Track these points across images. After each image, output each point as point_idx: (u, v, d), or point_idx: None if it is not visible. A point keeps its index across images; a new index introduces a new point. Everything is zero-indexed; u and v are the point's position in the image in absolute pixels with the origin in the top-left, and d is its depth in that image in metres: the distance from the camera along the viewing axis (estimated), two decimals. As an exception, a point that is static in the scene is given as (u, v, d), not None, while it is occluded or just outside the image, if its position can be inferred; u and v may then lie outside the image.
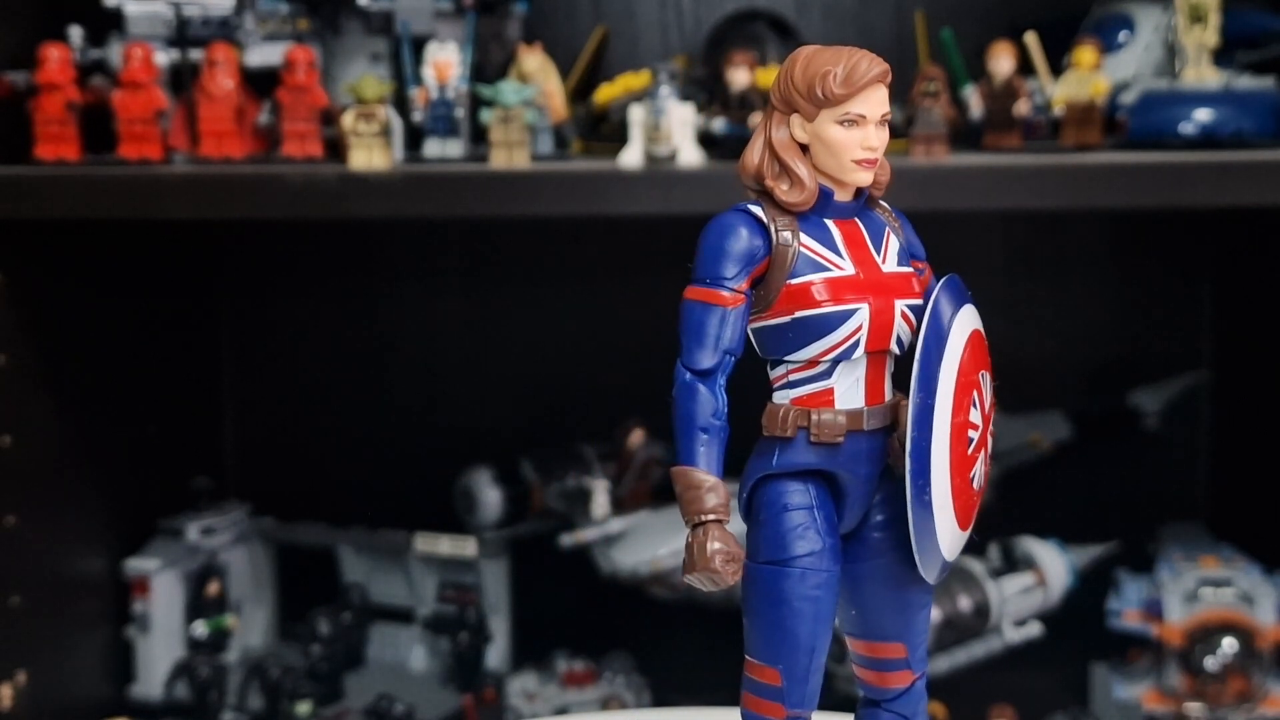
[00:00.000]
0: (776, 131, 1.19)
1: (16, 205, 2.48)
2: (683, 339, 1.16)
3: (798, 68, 1.18)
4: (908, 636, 1.25)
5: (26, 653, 2.66)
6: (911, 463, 1.16)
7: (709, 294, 1.16)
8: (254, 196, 2.45)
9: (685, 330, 1.16)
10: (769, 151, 1.18)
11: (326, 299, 3.41)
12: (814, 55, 1.18)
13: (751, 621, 1.18)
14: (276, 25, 2.62)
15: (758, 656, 1.18)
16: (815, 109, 1.17)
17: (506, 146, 2.42)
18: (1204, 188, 2.35)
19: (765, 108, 1.21)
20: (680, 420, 1.15)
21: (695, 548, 1.12)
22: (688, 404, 1.14)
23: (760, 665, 1.18)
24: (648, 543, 2.81)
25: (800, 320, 1.18)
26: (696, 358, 1.15)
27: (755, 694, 1.20)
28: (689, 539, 1.13)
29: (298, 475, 3.37)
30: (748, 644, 1.20)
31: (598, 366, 3.33)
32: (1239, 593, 2.73)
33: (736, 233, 1.16)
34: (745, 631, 1.20)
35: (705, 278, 1.16)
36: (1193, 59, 2.49)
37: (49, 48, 2.49)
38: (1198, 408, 3.30)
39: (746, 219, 1.18)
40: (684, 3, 3.28)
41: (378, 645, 3.13)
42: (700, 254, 1.17)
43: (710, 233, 1.17)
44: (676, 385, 1.15)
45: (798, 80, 1.17)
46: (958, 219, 2.55)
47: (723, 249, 1.16)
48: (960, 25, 2.65)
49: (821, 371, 1.19)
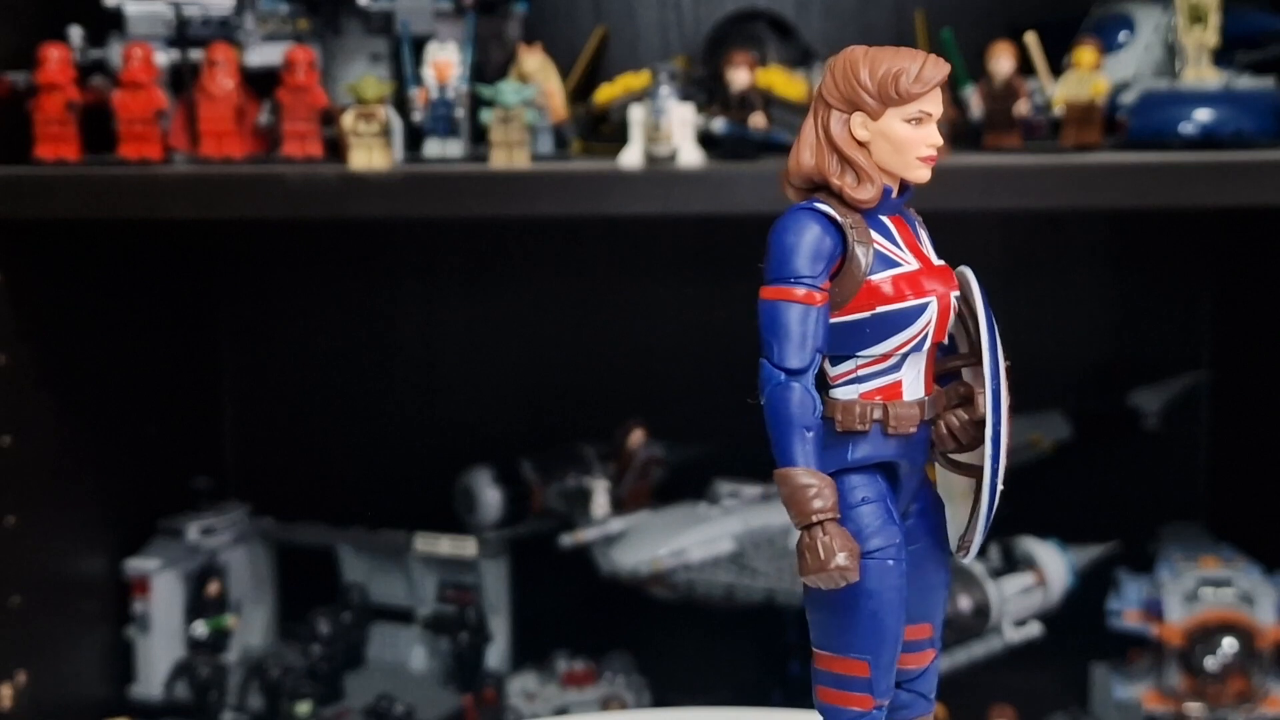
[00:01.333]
0: (836, 129, 1.19)
1: (17, 205, 2.48)
2: (770, 340, 1.15)
3: (862, 67, 1.19)
4: (935, 616, 1.27)
5: (27, 652, 2.67)
6: (992, 447, 1.19)
7: (794, 293, 1.16)
8: (254, 196, 2.45)
9: (773, 331, 1.15)
10: (832, 149, 1.19)
11: (326, 299, 3.41)
12: (877, 55, 1.19)
13: (834, 617, 1.19)
14: (276, 25, 2.62)
15: (842, 650, 1.19)
16: (883, 107, 1.18)
17: (506, 146, 2.42)
18: (1204, 188, 2.36)
19: (815, 108, 1.21)
20: (780, 421, 1.15)
21: (814, 548, 1.13)
22: (786, 405, 1.15)
23: (844, 659, 1.19)
24: (648, 543, 2.81)
25: (881, 315, 1.19)
26: (789, 357, 1.15)
27: (840, 688, 1.20)
28: (803, 541, 1.13)
29: (298, 475, 3.37)
30: (825, 639, 1.20)
31: (598, 366, 3.33)
32: (1239, 593, 2.73)
33: (813, 231, 1.17)
34: (820, 627, 1.21)
35: (789, 277, 1.16)
36: (1193, 59, 2.49)
37: (49, 48, 2.49)
38: (1198, 408, 3.30)
39: (819, 217, 1.18)
40: (684, 3, 3.28)
41: (378, 645, 3.13)
42: (777, 253, 1.17)
43: (786, 232, 1.17)
44: (770, 387, 1.15)
45: (865, 79, 1.18)
46: (958, 219, 2.55)
47: (801, 247, 1.16)
48: (960, 25, 2.65)
49: (892, 365, 1.21)
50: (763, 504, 2.87)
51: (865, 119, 1.19)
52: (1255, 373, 3.19)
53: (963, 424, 1.22)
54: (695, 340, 3.33)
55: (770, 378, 1.15)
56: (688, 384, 3.29)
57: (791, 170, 1.21)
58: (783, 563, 2.79)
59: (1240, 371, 3.23)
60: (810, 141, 1.20)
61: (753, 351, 1.23)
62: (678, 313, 3.37)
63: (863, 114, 1.19)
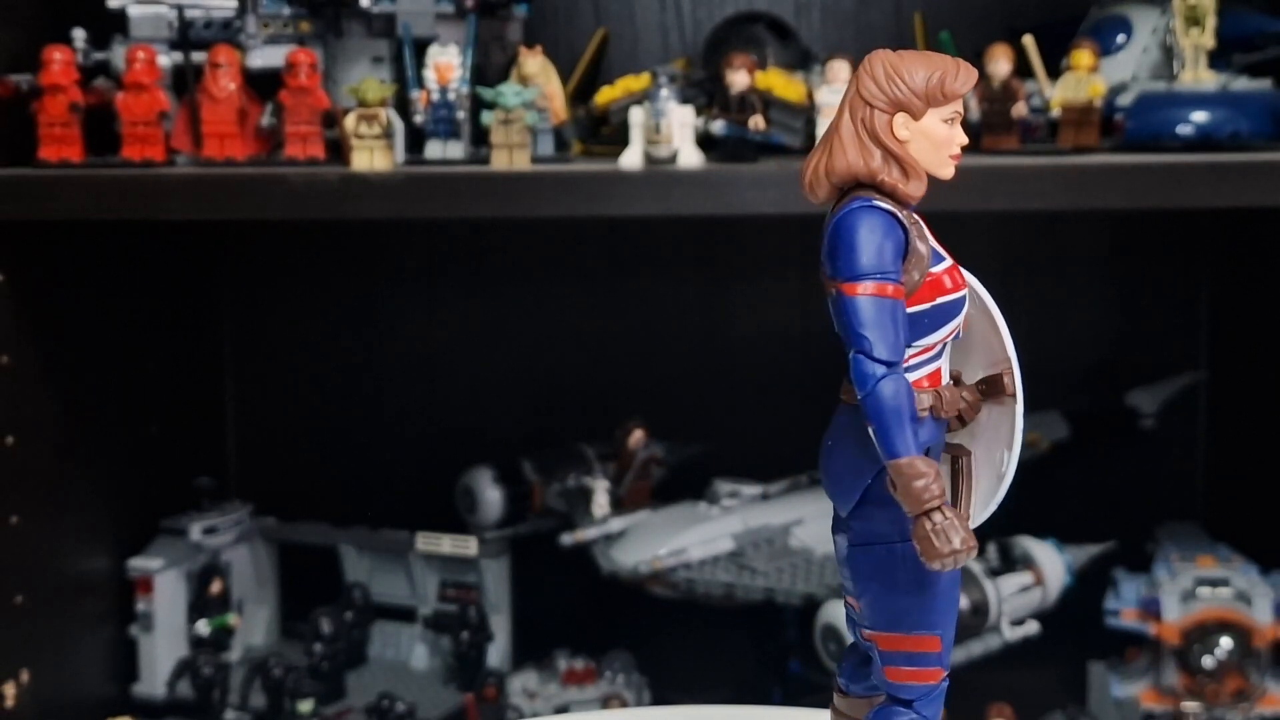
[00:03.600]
0: (881, 130, 1.22)
1: (20, 206, 2.49)
2: (865, 335, 1.16)
3: (906, 70, 1.22)
4: None
5: (30, 651, 2.67)
6: (1020, 432, 1.25)
7: (885, 288, 1.17)
8: (256, 198, 2.46)
9: (865, 326, 1.16)
10: (878, 147, 1.21)
11: (328, 300, 3.42)
12: (915, 58, 1.23)
13: (907, 598, 1.22)
14: (279, 28, 2.62)
15: (917, 629, 1.23)
16: (925, 107, 1.22)
17: (507, 148, 2.43)
18: (1201, 189, 2.36)
19: (853, 109, 1.23)
20: (889, 413, 1.16)
21: (938, 532, 1.15)
22: (894, 396, 1.16)
23: (916, 636, 1.23)
24: (648, 542, 2.82)
25: (940, 307, 1.23)
26: (885, 351, 1.17)
27: (917, 665, 1.24)
28: (922, 528, 1.15)
29: (300, 475, 3.38)
30: (894, 622, 1.23)
31: (598, 366, 3.34)
32: (1236, 592, 2.74)
33: (883, 227, 1.19)
34: (888, 611, 1.23)
35: (873, 273, 1.17)
36: (1190, 61, 2.50)
37: (52, 50, 2.49)
38: (1195, 408, 3.31)
39: (885, 213, 1.20)
40: (684, 5, 3.29)
41: (379, 644, 3.14)
42: (855, 250, 1.18)
43: (859, 229, 1.18)
44: (873, 381, 1.16)
45: (913, 81, 1.22)
46: (956, 220, 2.56)
47: (877, 243, 1.18)
48: (958, 27, 2.66)
49: (937, 353, 1.24)
50: (762, 503, 2.88)
51: (907, 119, 1.22)
52: (1252, 373, 3.20)
53: (969, 404, 1.26)
54: (695, 340, 3.34)
55: (871, 372, 1.16)
56: (688, 384, 3.30)
57: (833, 170, 1.22)
58: (782, 562, 2.80)
59: (1237, 372, 3.24)
60: (854, 141, 1.22)
61: (753, 351, 1.24)
62: (678, 313, 3.39)
63: (905, 114, 1.22)
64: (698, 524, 2.84)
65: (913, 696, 1.24)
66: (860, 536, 1.23)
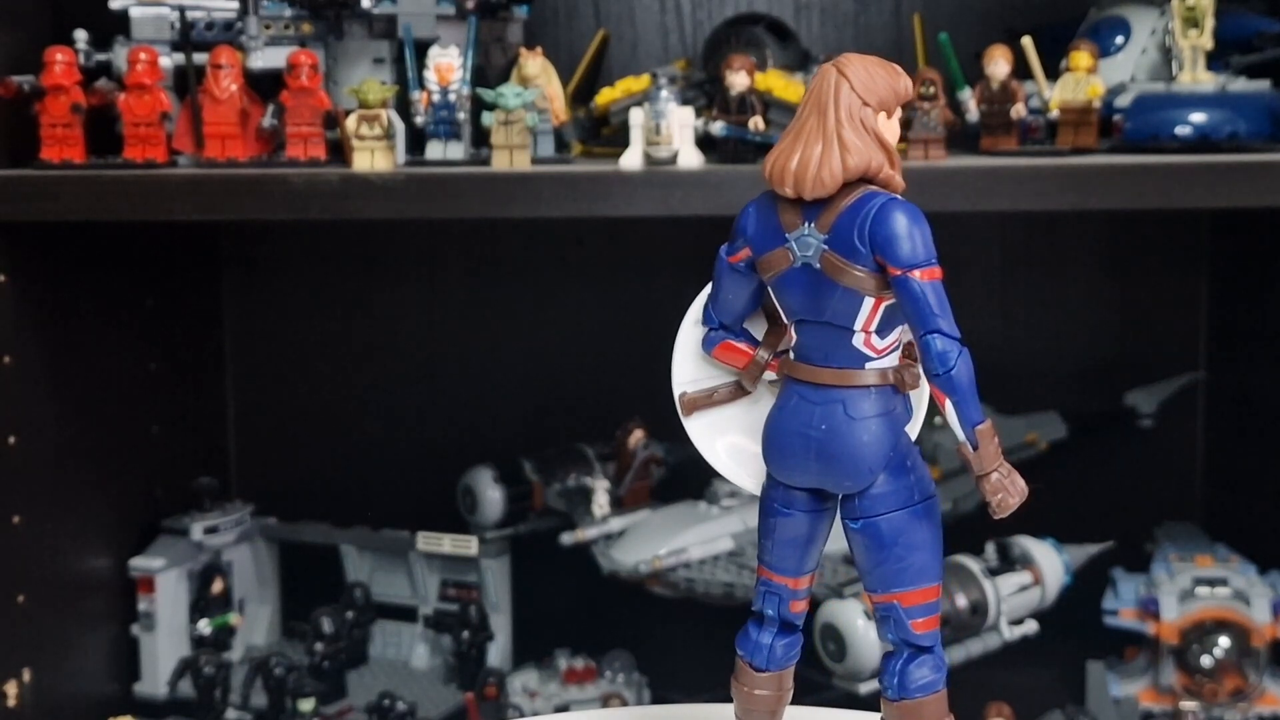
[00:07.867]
0: (880, 127, 1.27)
1: (23, 206, 2.49)
2: (943, 316, 1.23)
3: (878, 71, 1.28)
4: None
5: (32, 651, 2.68)
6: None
7: (941, 272, 1.25)
8: (257, 198, 2.46)
9: (941, 307, 1.24)
10: (880, 146, 1.27)
11: (329, 300, 3.43)
12: (874, 61, 1.29)
13: (926, 553, 1.30)
14: (280, 29, 2.63)
15: (931, 580, 1.30)
16: (895, 106, 1.28)
17: (508, 149, 2.43)
18: (1199, 189, 2.37)
19: (850, 109, 1.27)
20: (970, 385, 1.24)
21: (1012, 481, 1.25)
22: (970, 369, 1.24)
23: (935, 586, 1.31)
24: (648, 541, 2.83)
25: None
26: (957, 328, 1.24)
27: (932, 613, 1.31)
28: (995, 480, 1.24)
29: (301, 475, 3.39)
30: (922, 575, 1.29)
31: (598, 366, 3.35)
32: (1234, 591, 2.75)
33: (923, 217, 1.25)
34: (915, 567, 1.29)
35: (935, 259, 1.24)
36: (1188, 62, 2.50)
37: (54, 51, 2.50)
38: (1193, 407, 3.31)
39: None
40: (684, 7, 3.30)
41: (380, 643, 3.15)
42: (920, 238, 1.24)
43: (916, 219, 1.24)
44: (957, 355, 1.23)
45: (884, 81, 1.28)
46: (955, 220, 2.57)
47: (928, 231, 1.25)
48: (957, 29, 2.66)
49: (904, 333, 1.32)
50: (762, 503, 2.88)
51: (887, 119, 1.28)
52: (1250, 373, 3.20)
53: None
54: (695, 341, 3.34)
55: (954, 349, 1.23)
56: (687, 384, 3.30)
57: (847, 167, 1.26)
58: (781, 561, 2.80)
59: (1235, 371, 3.25)
60: (863, 140, 1.26)
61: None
62: (678, 313, 3.37)
63: (886, 114, 1.28)
64: (698, 524, 2.85)
65: (932, 642, 1.31)
66: (879, 506, 1.28)
